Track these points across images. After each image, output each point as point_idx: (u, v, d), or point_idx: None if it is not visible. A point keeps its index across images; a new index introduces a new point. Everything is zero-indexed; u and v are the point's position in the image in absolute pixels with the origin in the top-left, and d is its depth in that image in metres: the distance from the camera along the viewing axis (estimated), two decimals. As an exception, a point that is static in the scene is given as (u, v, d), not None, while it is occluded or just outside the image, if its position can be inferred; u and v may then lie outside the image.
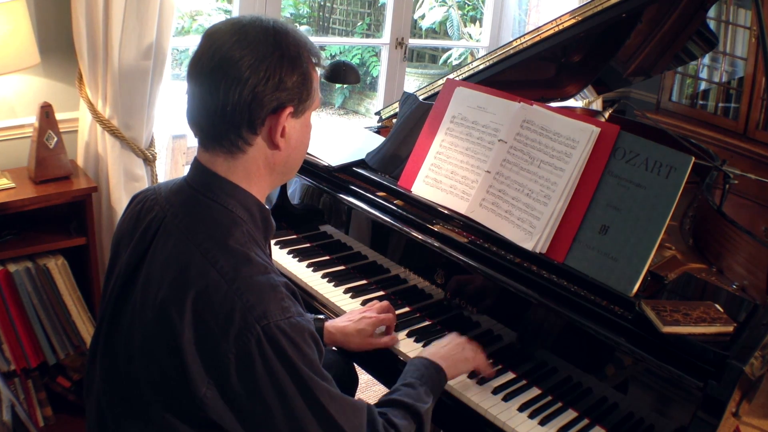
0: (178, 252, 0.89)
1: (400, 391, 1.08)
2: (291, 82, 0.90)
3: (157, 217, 0.96)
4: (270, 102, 0.89)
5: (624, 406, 1.15)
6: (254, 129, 0.91)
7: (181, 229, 0.91)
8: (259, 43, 0.88)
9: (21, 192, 1.73)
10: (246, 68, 0.87)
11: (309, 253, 1.69)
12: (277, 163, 0.97)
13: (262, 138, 0.93)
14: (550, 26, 1.69)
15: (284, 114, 0.91)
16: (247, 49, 0.87)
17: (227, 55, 0.87)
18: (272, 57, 0.88)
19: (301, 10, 7.16)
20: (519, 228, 1.31)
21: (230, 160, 0.93)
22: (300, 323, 0.87)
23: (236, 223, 0.92)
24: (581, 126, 1.29)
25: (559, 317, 1.22)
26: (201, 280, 0.86)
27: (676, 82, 3.31)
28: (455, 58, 6.72)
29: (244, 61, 0.87)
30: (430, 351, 1.22)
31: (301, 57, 0.91)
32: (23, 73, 1.83)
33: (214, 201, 0.93)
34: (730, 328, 1.08)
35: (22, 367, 1.81)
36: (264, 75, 0.87)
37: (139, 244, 0.96)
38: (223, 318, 0.83)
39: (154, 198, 0.99)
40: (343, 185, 1.65)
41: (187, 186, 0.96)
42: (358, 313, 1.37)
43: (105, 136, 1.90)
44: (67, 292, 1.82)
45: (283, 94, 0.90)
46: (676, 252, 1.39)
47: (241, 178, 0.95)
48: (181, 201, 0.95)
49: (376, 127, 1.99)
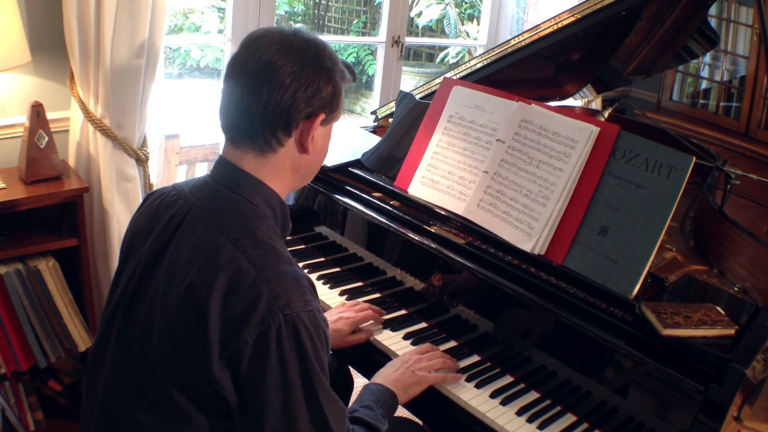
0: (208, 240, 0.94)
1: (360, 411, 1.11)
2: (326, 92, 0.98)
3: (180, 210, 1.00)
4: (306, 108, 0.97)
5: (624, 410, 1.14)
6: (288, 131, 0.97)
7: (209, 219, 0.96)
8: (302, 53, 0.96)
9: (11, 192, 1.71)
10: (289, 75, 0.94)
11: (304, 255, 1.68)
12: (303, 165, 1.03)
13: (294, 141, 0.99)
14: (548, 24, 1.69)
15: (317, 120, 0.99)
16: (290, 57, 0.95)
17: (272, 60, 0.94)
18: (313, 67, 0.96)
19: (296, 7, 7.16)
20: (517, 229, 1.30)
21: (260, 158, 0.99)
22: (318, 319, 0.92)
23: (261, 217, 0.98)
24: (580, 125, 1.28)
25: (557, 320, 1.21)
26: (231, 265, 0.90)
27: (677, 81, 3.30)
28: (452, 56, 6.72)
29: (287, 68, 0.94)
30: (383, 375, 1.23)
31: (334, 72, 1.00)
32: (14, 72, 1.81)
33: (240, 195, 0.98)
34: (732, 330, 1.07)
35: (12, 370, 1.79)
36: (304, 82, 0.95)
37: (160, 236, 0.99)
38: (249, 303, 0.87)
39: (175, 194, 1.04)
40: (339, 186, 1.64)
41: (212, 181, 1.01)
42: (336, 314, 1.39)
43: (97, 135, 1.88)
44: (58, 295, 1.80)
45: (318, 102, 0.98)
46: (677, 253, 1.38)
47: (267, 176, 1.00)
48: (207, 195, 1.00)
49: (372, 127, 1.99)
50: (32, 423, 1.89)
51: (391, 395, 1.17)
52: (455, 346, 1.37)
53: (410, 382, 1.21)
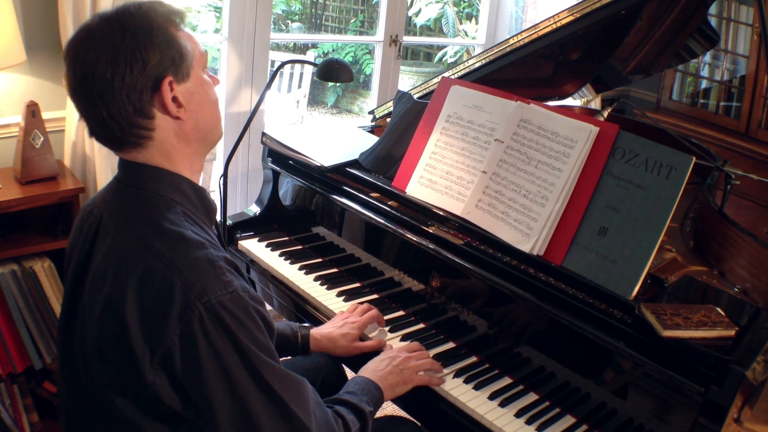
0: (116, 245, 0.90)
1: (343, 395, 1.10)
2: (155, 58, 0.89)
3: (95, 218, 0.97)
4: (145, 84, 0.89)
5: (623, 411, 1.13)
6: (147, 114, 0.91)
7: (117, 223, 0.92)
8: (105, 37, 0.87)
9: (6, 193, 1.70)
10: (106, 68, 0.86)
11: (301, 256, 1.67)
12: (188, 131, 0.96)
13: (161, 117, 0.92)
14: (547, 23, 1.68)
15: (165, 86, 0.90)
16: (97, 48, 0.87)
17: (85, 64, 0.87)
18: (123, 43, 0.87)
19: (293, 6, 7.15)
20: (516, 230, 1.29)
21: (143, 150, 0.94)
22: (242, 298, 0.87)
23: (168, 205, 0.93)
24: (579, 125, 1.28)
25: (556, 321, 1.20)
26: (138, 266, 0.86)
27: (677, 80, 3.29)
28: (450, 56, 6.72)
29: (100, 62, 0.86)
30: (370, 369, 1.21)
31: (153, 27, 0.90)
32: (9, 72, 1.81)
33: (144, 189, 0.94)
34: (732, 332, 1.06)
35: (7, 372, 1.79)
36: (125, 64, 0.87)
37: (82, 248, 0.97)
38: (164, 300, 0.83)
39: (92, 203, 1.01)
40: (336, 186, 1.63)
41: (118, 184, 0.97)
42: (341, 319, 1.38)
43: (93, 135, 1.87)
44: (53, 295, 1.80)
45: (153, 71, 0.89)
46: (677, 254, 1.37)
47: (162, 161, 0.95)
48: (114, 198, 0.96)
49: (369, 127, 1.98)
50: (27, 425, 1.88)
51: (377, 388, 1.16)
52: (454, 347, 1.37)
53: (397, 381, 1.20)
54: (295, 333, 1.33)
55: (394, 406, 1.26)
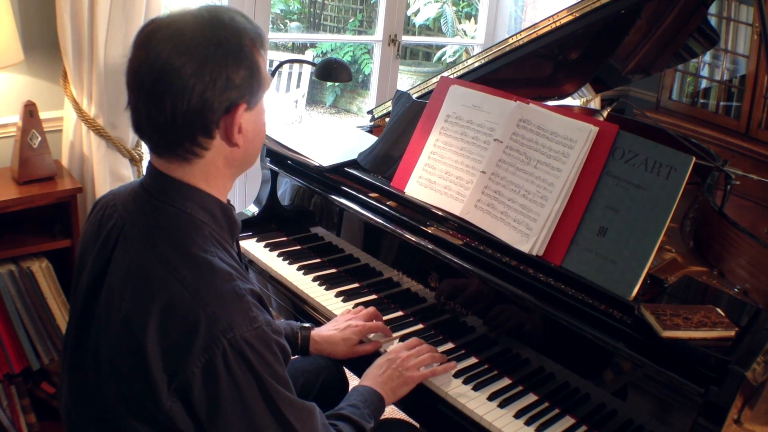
0: (139, 263, 0.87)
1: (346, 409, 1.09)
2: (239, 78, 0.86)
3: (116, 225, 0.93)
4: (221, 104, 0.86)
5: (623, 412, 1.13)
6: (210, 133, 0.88)
7: (140, 238, 0.89)
8: (197, 45, 0.83)
9: (4, 193, 1.70)
10: (189, 76, 0.82)
11: (299, 256, 1.67)
12: (237, 158, 0.94)
13: (220, 139, 0.89)
14: (547, 23, 1.68)
15: (239, 112, 0.88)
16: (186, 54, 0.83)
17: (167, 64, 0.82)
18: (214, 57, 0.84)
19: (292, 6, 7.14)
20: (515, 230, 1.28)
21: (186, 165, 0.90)
22: (266, 333, 0.86)
23: (197, 227, 0.90)
24: (579, 125, 1.27)
25: (556, 321, 1.20)
26: (163, 292, 0.83)
27: (677, 80, 3.28)
28: (449, 55, 6.71)
29: (185, 68, 0.82)
30: (370, 377, 1.21)
31: (243, 48, 0.87)
32: (6, 71, 1.80)
33: (171, 206, 0.90)
34: (732, 332, 1.06)
35: (5, 372, 1.78)
36: (210, 78, 0.83)
37: (100, 254, 0.94)
38: (188, 331, 0.81)
39: (113, 204, 0.97)
40: (335, 186, 1.62)
41: (143, 191, 0.93)
42: (344, 321, 1.37)
43: (90, 135, 1.87)
44: (51, 296, 1.79)
45: (233, 93, 0.86)
46: (677, 254, 1.37)
47: (199, 181, 0.92)
48: (139, 208, 0.92)
49: (368, 127, 1.97)
50: (25, 426, 1.87)
51: (378, 398, 1.16)
52: (452, 348, 1.36)
53: (398, 383, 1.20)
54: (296, 334, 1.33)
55: (393, 406, 1.26)
